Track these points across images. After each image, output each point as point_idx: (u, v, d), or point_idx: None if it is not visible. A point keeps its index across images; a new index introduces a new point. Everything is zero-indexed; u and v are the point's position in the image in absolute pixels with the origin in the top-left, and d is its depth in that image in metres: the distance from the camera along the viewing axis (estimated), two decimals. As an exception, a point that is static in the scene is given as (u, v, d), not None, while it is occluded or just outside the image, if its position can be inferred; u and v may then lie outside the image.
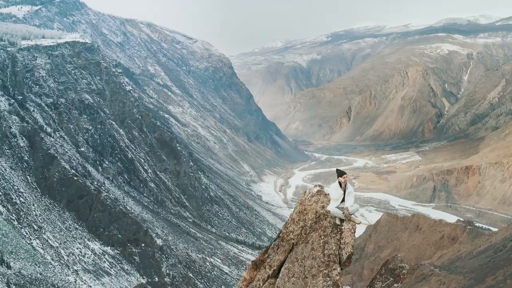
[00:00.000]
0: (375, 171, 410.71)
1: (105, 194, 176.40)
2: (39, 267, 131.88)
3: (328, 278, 15.64)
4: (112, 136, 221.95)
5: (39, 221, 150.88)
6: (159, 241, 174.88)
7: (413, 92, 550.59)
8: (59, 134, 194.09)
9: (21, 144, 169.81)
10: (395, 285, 16.88)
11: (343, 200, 17.26)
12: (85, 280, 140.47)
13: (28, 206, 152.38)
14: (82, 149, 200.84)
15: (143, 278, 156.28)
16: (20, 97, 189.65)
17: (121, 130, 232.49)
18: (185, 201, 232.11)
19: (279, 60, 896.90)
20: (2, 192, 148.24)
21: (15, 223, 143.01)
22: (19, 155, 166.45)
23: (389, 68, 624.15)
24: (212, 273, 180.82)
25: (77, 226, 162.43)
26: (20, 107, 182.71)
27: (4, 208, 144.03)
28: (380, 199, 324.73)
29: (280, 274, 17.30)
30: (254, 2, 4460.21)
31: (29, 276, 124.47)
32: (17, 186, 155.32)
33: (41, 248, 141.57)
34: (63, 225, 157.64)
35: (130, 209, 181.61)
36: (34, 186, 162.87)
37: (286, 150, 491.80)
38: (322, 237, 16.84)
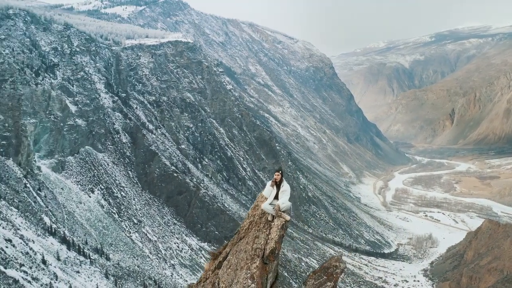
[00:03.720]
0: (478, 176, 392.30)
1: (203, 191, 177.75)
2: (137, 259, 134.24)
3: (249, 271, 16.02)
4: (212, 134, 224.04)
5: (139, 215, 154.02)
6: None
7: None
8: (160, 131, 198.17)
9: (124, 140, 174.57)
10: (328, 283, 17.40)
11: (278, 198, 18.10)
12: (181, 275, 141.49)
13: (129, 201, 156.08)
14: (183, 146, 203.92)
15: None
16: (123, 95, 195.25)
17: (221, 129, 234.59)
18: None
19: (381, 61, 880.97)
20: (104, 186, 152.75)
21: (116, 216, 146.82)
22: (121, 150, 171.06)
23: (495, 70, 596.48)
24: (308, 274, 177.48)
25: (176, 222, 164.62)
26: (123, 104, 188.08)
27: (106, 202, 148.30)
28: (482, 205, 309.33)
29: (222, 265, 18.00)
30: (357, 2, 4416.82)
31: (127, 268, 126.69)
32: (118, 181, 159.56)
33: (140, 242, 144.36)
34: (162, 220, 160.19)
35: (228, 206, 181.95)
36: (135, 181, 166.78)
37: (387, 152, 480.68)
38: (256, 232, 17.57)
